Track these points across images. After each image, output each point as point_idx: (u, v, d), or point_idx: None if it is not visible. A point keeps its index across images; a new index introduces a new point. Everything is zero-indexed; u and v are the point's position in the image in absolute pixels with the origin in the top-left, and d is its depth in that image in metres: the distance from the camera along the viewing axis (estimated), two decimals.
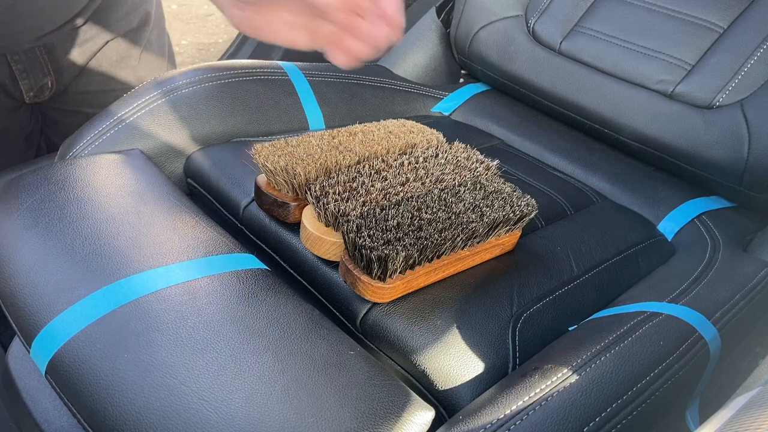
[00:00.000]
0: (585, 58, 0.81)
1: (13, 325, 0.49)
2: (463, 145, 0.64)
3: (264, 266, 0.55)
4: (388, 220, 0.51)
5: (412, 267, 0.51)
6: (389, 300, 0.52)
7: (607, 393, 0.45)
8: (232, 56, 1.26)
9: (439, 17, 0.98)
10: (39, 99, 0.83)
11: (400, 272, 0.51)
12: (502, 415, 0.42)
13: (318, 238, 0.54)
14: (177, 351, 0.44)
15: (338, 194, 0.54)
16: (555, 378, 0.45)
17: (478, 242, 0.55)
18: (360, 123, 0.67)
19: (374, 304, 0.52)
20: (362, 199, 0.54)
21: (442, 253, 0.53)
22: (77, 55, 0.82)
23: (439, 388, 0.48)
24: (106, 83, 0.86)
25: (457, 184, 0.58)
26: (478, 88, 0.95)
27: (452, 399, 0.48)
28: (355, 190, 0.55)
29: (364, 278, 0.50)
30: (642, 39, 0.78)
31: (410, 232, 0.50)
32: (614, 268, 0.62)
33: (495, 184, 0.58)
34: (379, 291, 0.50)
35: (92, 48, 0.83)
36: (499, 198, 0.56)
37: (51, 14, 0.77)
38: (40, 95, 0.83)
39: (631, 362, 0.48)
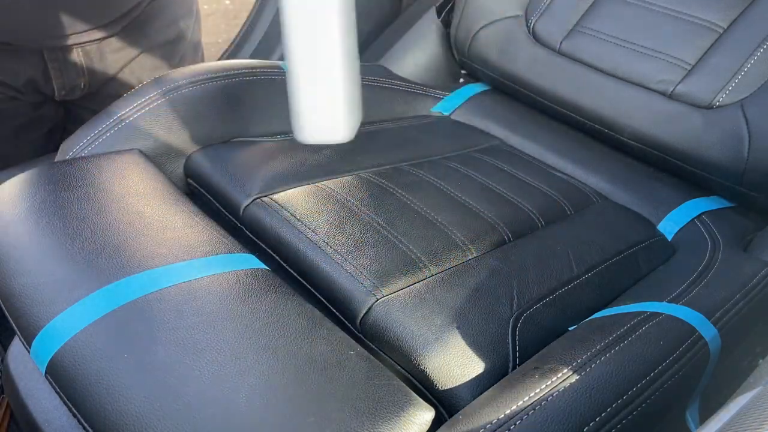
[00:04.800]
0: (585, 58, 0.81)
1: (13, 325, 0.49)
2: None
3: (264, 266, 0.55)
4: None
5: None
6: None
7: (607, 393, 0.45)
8: (232, 56, 1.26)
9: (439, 17, 0.98)
10: (70, 97, 0.84)
11: None
12: (502, 415, 0.42)
13: None
14: (177, 351, 0.44)
15: None
16: (555, 378, 0.45)
17: None
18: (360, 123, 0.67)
19: (374, 303, 0.52)
20: None
21: None
22: (112, 61, 0.83)
23: (439, 388, 0.48)
24: None
25: None
26: (478, 88, 0.94)
27: (452, 399, 0.48)
28: None
29: None
30: (642, 39, 0.78)
31: None
32: (614, 268, 0.62)
33: None
34: None
35: (127, 56, 0.84)
36: None
37: (89, 13, 0.77)
38: (71, 94, 0.84)
39: (631, 362, 0.48)
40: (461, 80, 1.02)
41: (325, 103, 0.51)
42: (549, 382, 0.45)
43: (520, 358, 0.51)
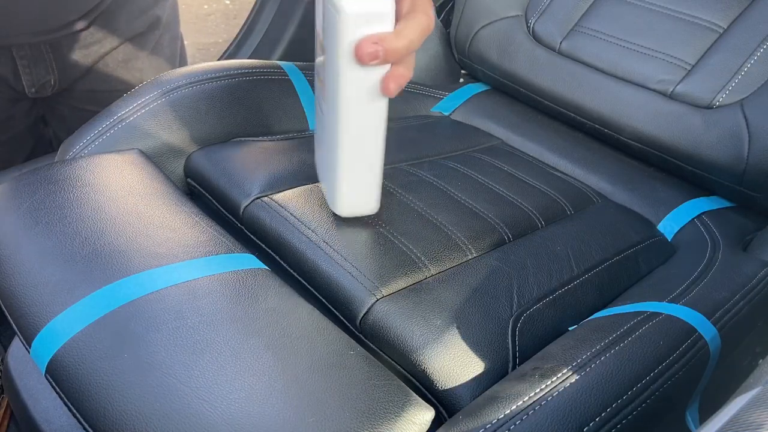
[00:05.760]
0: (585, 58, 0.81)
1: (13, 325, 0.49)
2: None
3: (264, 266, 0.55)
4: None
5: None
6: None
7: (607, 393, 0.45)
8: (231, 56, 1.26)
9: (439, 17, 0.98)
10: (41, 95, 0.84)
11: None
12: (502, 415, 0.42)
13: None
14: (177, 351, 0.44)
15: None
16: (555, 378, 0.45)
17: None
18: None
19: (374, 303, 0.52)
20: None
21: None
22: (82, 56, 0.82)
23: (439, 387, 0.48)
24: (113, 84, 0.87)
25: None
26: (478, 88, 0.94)
27: (452, 399, 0.48)
28: None
29: None
30: (642, 39, 0.78)
31: None
32: (614, 268, 0.62)
33: None
34: None
35: (98, 51, 0.83)
36: None
37: (55, 9, 0.77)
38: (42, 91, 0.83)
39: (631, 362, 0.48)
40: (461, 80, 1.02)
41: (366, 186, 0.57)
42: (549, 382, 0.45)
43: (520, 358, 0.51)
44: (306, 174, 0.66)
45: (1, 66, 0.79)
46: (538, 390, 0.44)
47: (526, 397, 0.44)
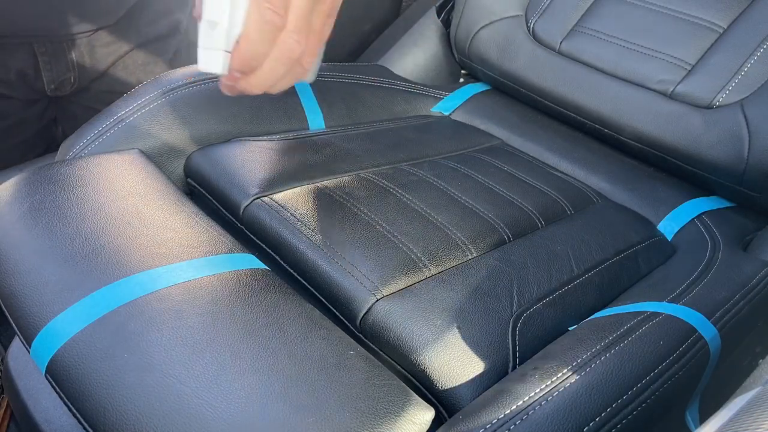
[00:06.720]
0: (585, 58, 0.81)
1: (13, 325, 0.49)
2: None
3: (264, 266, 0.55)
4: None
5: None
6: None
7: (607, 393, 0.45)
8: None
9: (439, 17, 0.98)
10: (60, 93, 0.84)
11: None
12: (502, 415, 0.42)
13: None
14: (177, 351, 0.44)
15: None
16: (555, 378, 0.45)
17: None
18: (360, 123, 0.67)
19: (374, 303, 0.52)
20: None
21: None
22: (102, 55, 0.83)
23: (440, 387, 0.48)
24: (131, 86, 0.87)
25: None
26: (478, 88, 0.94)
27: (452, 399, 0.48)
28: None
29: None
30: (642, 39, 0.78)
31: None
32: (614, 268, 0.62)
33: None
34: None
35: (118, 51, 0.84)
36: None
37: (80, 4, 0.77)
38: (62, 89, 0.83)
39: (631, 362, 0.48)
40: (461, 80, 1.02)
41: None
42: (549, 382, 0.45)
43: (520, 358, 0.51)
44: (306, 174, 0.66)
45: (21, 61, 0.79)
46: (538, 390, 0.44)
47: (526, 397, 0.44)
